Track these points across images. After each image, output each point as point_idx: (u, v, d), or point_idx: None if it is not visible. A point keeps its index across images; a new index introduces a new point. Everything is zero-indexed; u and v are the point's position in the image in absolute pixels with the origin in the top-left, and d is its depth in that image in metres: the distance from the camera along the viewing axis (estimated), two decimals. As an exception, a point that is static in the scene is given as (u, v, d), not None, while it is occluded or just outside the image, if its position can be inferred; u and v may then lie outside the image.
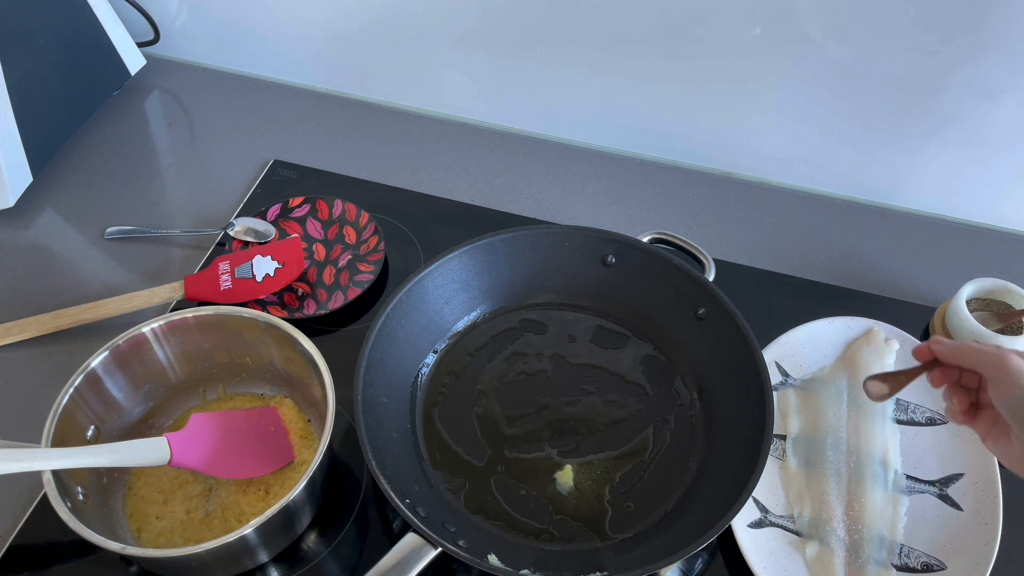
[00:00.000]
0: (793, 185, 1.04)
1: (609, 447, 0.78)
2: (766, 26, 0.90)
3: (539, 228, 0.85)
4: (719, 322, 0.79)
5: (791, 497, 0.77)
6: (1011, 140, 0.93)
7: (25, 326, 0.85)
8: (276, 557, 0.71)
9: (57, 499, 0.62)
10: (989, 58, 0.86)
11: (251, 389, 0.80)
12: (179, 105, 1.12)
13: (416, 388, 0.81)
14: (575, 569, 0.69)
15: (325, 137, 1.07)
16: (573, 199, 1.02)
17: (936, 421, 0.81)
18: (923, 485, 0.77)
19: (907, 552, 0.73)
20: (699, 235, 0.96)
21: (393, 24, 1.03)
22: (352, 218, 0.95)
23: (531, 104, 1.07)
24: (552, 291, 0.87)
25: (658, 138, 1.05)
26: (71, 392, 0.69)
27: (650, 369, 0.83)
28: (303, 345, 0.72)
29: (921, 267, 0.97)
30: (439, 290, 0.83)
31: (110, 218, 0.97)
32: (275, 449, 0.75)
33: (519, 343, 0.85)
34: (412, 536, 0.65)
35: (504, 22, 0.99)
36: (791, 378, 0.83)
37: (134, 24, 1.09)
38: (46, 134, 0.98)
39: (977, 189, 0.99)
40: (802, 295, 0.92)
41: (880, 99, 0.93)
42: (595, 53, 0.99)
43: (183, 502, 0.72)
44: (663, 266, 0.83)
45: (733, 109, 0.99)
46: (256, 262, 0.88)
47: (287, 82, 1.14)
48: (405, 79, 1.09)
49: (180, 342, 0.75)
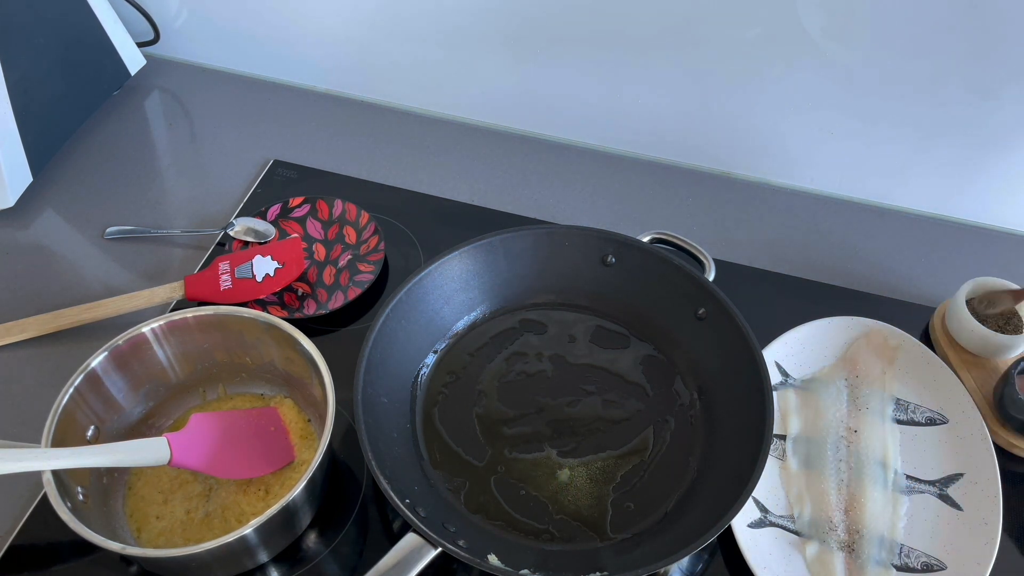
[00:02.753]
0: (793, 185, 1.04)
1: (609, 447, 0.78)
2: (766, 26, 0.90)
3: (539, 228, 0.85)
4: (719, 322, 0.79)
5: (791, 497, 0.77)
6: (1011, 140, 0.93)
7: (25, 326, 0.85)
8: (276, 557, 0.71)
9: (57, 499, 0.62)
10: (989, 58, 0.86)
11: (251, 389, 0.80)
12: (179, 105, 1.12)
13: (416, 388, 0.81)
14: (575, 569, 0.69)
15: (325, 137, 1.07)
16: (573, 199, 1.02)
17: (936, 421, 0.81)
18: (923, 485, 0.77)
19: (907, 552, 0.73)
20: (699, 235, 0.96)
21: (393, 24, 1.03)
22: (352, 218, 0.95)
23: (531, 104, 1.07)
24: (552, 291, 0.87)
25: (658, 138, 1.05)
26: (71, 392, 0.69)
27: (650, 369, 0.83)
28: (303, 345, 0.72)
29: (921, 267, 0.97)
30: (439, 290, 0.83)
31: (110, 218, 0.97)
32: (275, 449, 0.75)
33: (519, 343, 0.85)
34: (412, 536, 0.65)
35: (504, 22, 0.99)
36: (791, 378, 0.83)
37: (134, 24, 1.09)
38: (46, 134, 0.98)
39: (977, 189, 0.99)
40: (802, 295, 0.92)
41: (880, 99, 0.93)
42: (595, 53, 0.99)
43: (183, 502, 0.72)
44: (663, 266, 0.83)
45: (733, 109, 0.99)
46: (256, 262, 0.88)
47: (287, 82, 1.14)
48: (405, 79, 1.09)
49: (180, 342, 0.75)
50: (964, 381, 0.82)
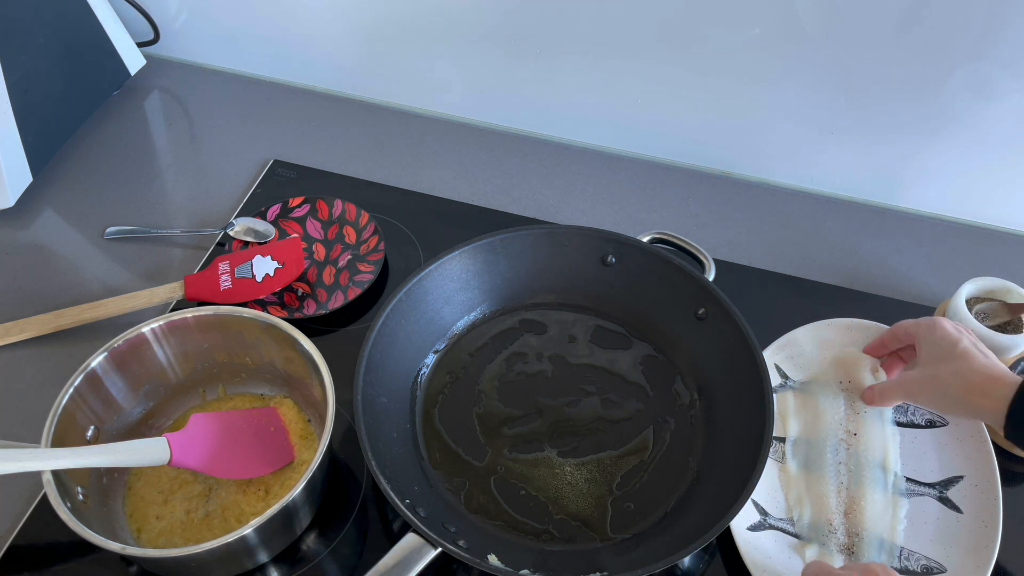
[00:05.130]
0: (793, 185, 1.04)
1: (609, 447, 0.78)
2: (766, 26, 0.90)
3: (539, 228, 0.85)
4: (719, 322, 0.79)
5: (791, 500, 0.76)
6: (1011, 140, 0.93)
7: (25, 326, 0.85)
8: (276, 557, 0.71)
9: (57, 499, 0.62)
10: (989, 58, 0.86)
11: (251, 389, 0.80)
12: (179, 105, 1.12)
13: (416, 388, 0.81)
14: (575, 569, 0.69)
15: (325, 137, 1.07)
16: (573, 199, 1.02)
17: (936, 423, 0.80)
18: (923, 488, 0.77)
19: (907, 555, 0.73)
20: (699, 235, 0.96)
21: (393, 24, 1.03)
22: (352, 218, 0.95)
23: (531, 104, 1.07)
24: (552, 291, 0.87)
25: (658, 138, 1.05)
26: (71, 392, 0.69)
27: (650, 369, 0.83)
28: (303, 345, 0.72)
29: (921, 267, 0.97)
30: (439, 290, 0.83)
31: (110, 218, 0.97)
32: (275, 449, 0.75)
33: (519, 343, 0.85)
34: (412, 536, 0.65)
35: (504, 22, 0.99)
36: (790, 380, 0.83)
37: (134, 24, 1.09)
38: (46, 134, 0.98)
39: (977, 189, 0.99)
40: (802, 295, 0.92)
41: (880, 99, 0.93)
42: (595, 53, 0.99)
43: (183, 502, 0.72)
44: (663, 266, 0.83)
45: (733, 109, 0.99)
46: (256, 262, 0.88)
47: (287, 82, 1.14)
48: (405, 79, 1.09)
49: (180, 342, 0.75)
50: (964, 382, 0.82)
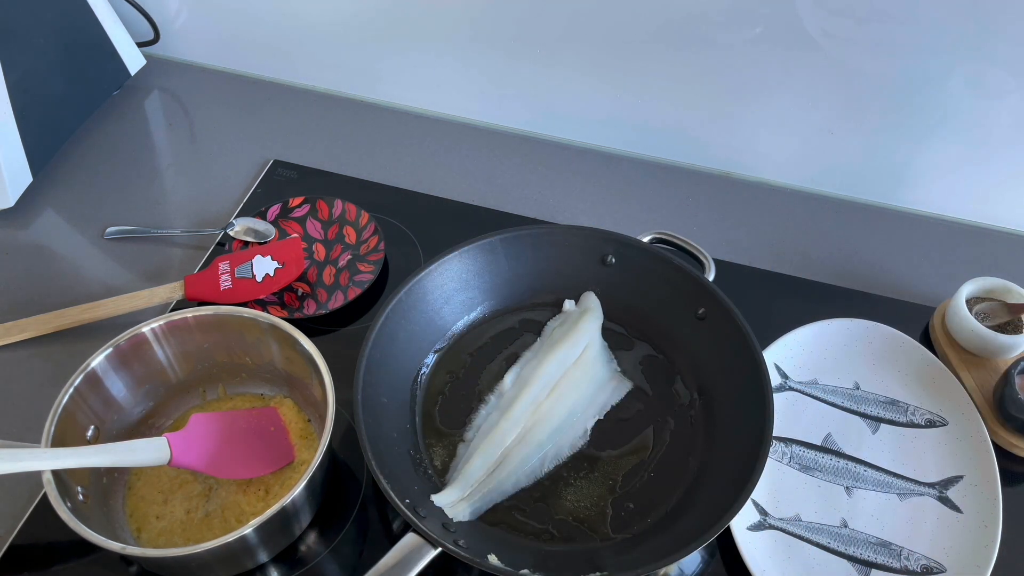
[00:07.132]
0: (793, 185, 1.04)
1: (609, 447, 0.78)
2: (766, 26, 0.90)
3: (539, 228, 0.85)
4: (719, 322, 0.79)
5: (791, 500, 0.76)
6: (1010, 140, 0.93)
7: (25, 326, 0.85)
8: (276, 557, 0.71)
9: (57, 499, 0.62)
10: (989, 58, 0.86)
11: (251, 389, 0.80)
12: (179, 105, 1.12)
13: (416, 388, 0.81)
14: (575, 569, 0.69)
15: (325, 137, 1.07)
16: (573, 199, 1.02)
17: (936, 423, 0.80)
18: (923, 488, 0.77)
19: (907, 555, 0.73)
20: (699, 235, 0.95)
21: (393, 24, 1.03)
22: (352, 218, 0.95)
23: (531, 104, 1.07)
24: (552, 291, 0.87)
25: (658, 138, 1.05)
26: (71, 392, 0.69)
27: (650, 369, 0.83)
28: (303, 345, 0.72)
29: (921, 267, 0.96)
30: (439, 290, 0.83)
31: (110, 218, 0.97)
32: (275, 449, 0.75)
33: (519, 343, 0.85)
34: (412, 536, 0.65)
35: (504, 22, 0.99)
36: (790, 380, 0.83)
37: (134, 24, 1.09)
38: (46, 134, 0.98)
39: (977, 189, 0.99)
40: (802, 295, 0.92)
41: (880, 99, 0.93)
42: (595, 53, 0.99)
43: (183, 502, 0.72)
44: (663, 266, 0.83)
45: (733, 109, 0.99)
46: (256, 262, 0.88)
47: (287, 82, 1.14)
48: (405, 79, 1.09)
49: (180, 342, 0.75)
50: (964, 381, 0.82)
